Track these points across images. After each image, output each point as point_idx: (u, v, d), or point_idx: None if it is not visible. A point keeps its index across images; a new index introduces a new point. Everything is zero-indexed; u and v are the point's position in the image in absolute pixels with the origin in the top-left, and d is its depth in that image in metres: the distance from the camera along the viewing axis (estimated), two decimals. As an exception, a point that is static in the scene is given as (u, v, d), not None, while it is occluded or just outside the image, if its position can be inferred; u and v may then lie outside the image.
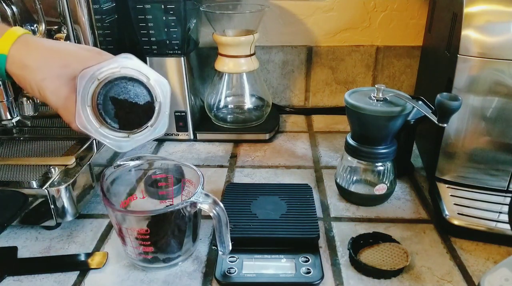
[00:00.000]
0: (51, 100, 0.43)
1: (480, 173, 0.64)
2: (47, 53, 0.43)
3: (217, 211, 0.48)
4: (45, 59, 0.43)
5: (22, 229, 0.61)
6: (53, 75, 0.43)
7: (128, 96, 0.43)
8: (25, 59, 0.42)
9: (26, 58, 0.42)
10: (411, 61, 1.00)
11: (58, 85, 0.43)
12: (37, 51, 0.43)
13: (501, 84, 0.58)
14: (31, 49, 0.43)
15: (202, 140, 0.89)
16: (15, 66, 0.42)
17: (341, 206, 0.67)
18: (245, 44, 0.84)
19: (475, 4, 0.57)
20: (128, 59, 0.44)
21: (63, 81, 0.43)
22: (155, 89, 0.44)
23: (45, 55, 0.43)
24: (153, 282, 0.52)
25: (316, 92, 1.05)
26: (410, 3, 0.95)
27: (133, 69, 0.44)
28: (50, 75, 0.42)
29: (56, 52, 0.44)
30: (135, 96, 0.44)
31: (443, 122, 0.56)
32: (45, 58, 0.43)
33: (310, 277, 0.51)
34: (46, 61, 0.43)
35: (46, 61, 0.43)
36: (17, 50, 0.42)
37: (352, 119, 0.64)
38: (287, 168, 0.79)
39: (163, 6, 0.76)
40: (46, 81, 0.42)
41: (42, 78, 0.42)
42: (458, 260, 0.55)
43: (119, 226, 0.51)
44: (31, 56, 0.43)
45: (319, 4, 0.96)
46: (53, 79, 0.43)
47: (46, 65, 0.43)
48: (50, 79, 0.42)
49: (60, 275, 0.53)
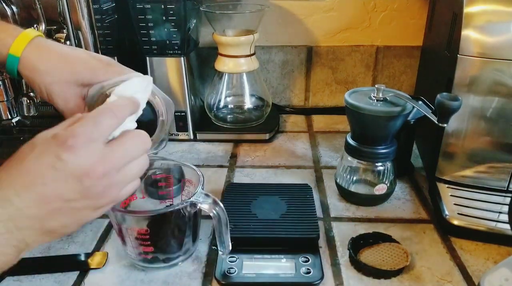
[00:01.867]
0: (57, 104, 0.45)
1: (480, 173, 0.64)
2: (58, 58, 0.45)
3: (217, 211, 0.48)
4: (55, 64, 0.44)
5: (22, 229, 0.61)
6: (61, 80, 0.44)
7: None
8: (36, 63, 0.44)
9: (37, 61, 0.44)
10: (411, 61, 1.00)
11: (66, 90, 0.44)
12: (48, 55, 0.44)
13: (501, 84, 0.58)
14: (42, 53, 0.44)
15: (202, 140, 0.89)
16: (26, 68, 0.44)
17: (341, 206, 0.67)
18: (245, 44, 0.84)
19: (475, 4, 0.57)
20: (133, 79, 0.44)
21: (71, 86, 0.44)
22: (160, 107, 0.46)
23: (55, 60, 0.44)
24: (153, 282, 0.52)
25: (316, 92, 1.05)
26: (410, 3, 0.95)
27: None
28: (59, 79, 0.44)
29: (66, 58, 0.45)
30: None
31: (443, 122, 0.56)
32: (55, 62, 0.44)
33: (310, 277, 0.51)
34: (56, 66, 0.44)
35: (56, 66, 0.44)
36: (29, 53, 0.44)
37: (352, 119, 0.64)
38: (287, 168, 0.79)
39: (163, 6, 0.76)
40: (54, 85, 0.44)
41: (51, 82, 0.44)
42: (458, 260, 0.55)
43: (119, 226, 0.51)
44: (42, 60, 0.44)
45: (319, 4, 0.96)
46: (61, 83, 0.44)
47: (55, 69, 0.44)
48: (58, 84, 0.44)
49: (60, 275, 0.53)
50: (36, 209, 0.34)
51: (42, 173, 0.33)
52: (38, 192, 0.33)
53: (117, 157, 0.37)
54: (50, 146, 0.34)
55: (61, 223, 0.36)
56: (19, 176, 0.34)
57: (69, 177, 0.34)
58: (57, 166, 0.34)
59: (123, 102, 0.40)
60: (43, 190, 0.34)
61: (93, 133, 0.35)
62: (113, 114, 0.37)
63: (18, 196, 0.33)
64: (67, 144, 0.34)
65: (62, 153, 0.34)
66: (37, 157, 0.34)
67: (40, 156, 0.34)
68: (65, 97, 0.44)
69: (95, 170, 0.35)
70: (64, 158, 0.34)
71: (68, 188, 0.34)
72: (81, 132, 0.35)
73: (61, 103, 0.45)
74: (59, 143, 0.34)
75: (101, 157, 0.35)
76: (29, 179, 0.33)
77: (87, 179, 0.35)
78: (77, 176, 0.34)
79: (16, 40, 0.43)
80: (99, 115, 0.36)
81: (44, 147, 0.34)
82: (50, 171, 0.33)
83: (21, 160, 0.34)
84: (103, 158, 0.35)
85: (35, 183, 0.33)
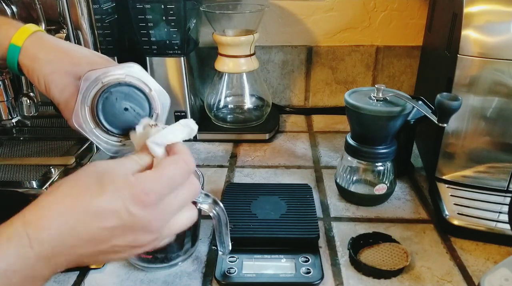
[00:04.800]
0: (54, 95, 0.44)
1: (480, 173, 0.64)
2: (59, 50, 0.45)
3: (217, 211, 0.48)
4: (56, 55, 0.44)
5: (22, 229, 0.61)
6: (61, 71, 0.44)
7: (128, 103, 0.44)
8: (37, 52, 0.44)
9: (38, 51, 0.44)
10: (411, 61, 1.00)
11: (64, 81, 0.44)
12: (49, 46, 0.45)
13: (501, 84, 0.58)
14: (44, 44, 0.45)
15: (202, 140, 0.89)
16: (27, 57, 0.44)
17: (341, 206, 0.67)
18: (245, 44, 0.84)
19: (475, 4, 0.57)
20: (133, 68, 0.44)
21: (70, 78, 0.44)
22: (155, 100, 0.45)
23: (56, 51, 0.44)
24: (153, 282, 0.52)
25: (316, 92, 1.05)
26: (410, 3, 0.95)
27: (137, 78, 0.44)
28: (59, 70, 0.44)
29: (68, 50, 0.45)
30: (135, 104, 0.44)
31: (443, 122, 0.56)
32: (56, 53, 0.44)
33: (310, 277, 0.51)
34: (57, 56, 0.44)
35: (57, 56, 0.44)
36: (31, 43, 0.44)
37: (352, 119, 0.64)
38: (287, 167, 0.79)
39: (163, 6, 0.76)
40: (53, 75, 0.43)
41: (51, 72, 0.43)
42: (458, 260, 0.55)
43: (119, 226, 0.51)
44: (43, 50, 0.44)
45: (319, 4, 0.96)
46: (61, 74, 0.44)
47: (56, 60, 0.44)
48: (57, 74, 0.43)
49: (60, 275, 0.53)
50: (85, 249, 0.33)
51: (105, 219, 0.33)
52: (93, 234, 0.33)
53: (173, 210, 0.36)
54: (123, 193, 0.33)
55: (98, 260, 0.36)
56: (81, 216, 0.33)
57: (128, 229, 0.34)
58: (123, 216, 0.33)
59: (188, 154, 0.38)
60: (99, 234, 0.33)
61: (165, 191, 0.35)
62: (185, 172, 0.36)
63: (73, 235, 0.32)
64: (142, 199, 0.33)
65: (134, 206, 0.33)
66: (106, 201, 0.33)
67: (109, 200, 0.33)
68: (62, 89, 0.44)
69: (153, 226, 0.35)
70: (134, 211, 0.33)
71: (122, 238, 0.34)
72: (157, 190, 0.34)
73: (57, 94, 0.44)
74: (134, 195, 0.33)
75: (161, 212, 0.35)
76: (91, 220, 0.33)
77: (142, 233, 0.35)
78: (135, 230, 0.34)
79: (18, 32, 0.44)
80: (173, 174, 0.35)
81: (115, 192, 0.33)
82: (113, 219, 0.33)
83: (85, 196, 0.33)
84: (162, 213, 0.35)
85: (94, 225, 0.33)
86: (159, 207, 0.35)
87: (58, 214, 0.32)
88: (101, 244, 0.34)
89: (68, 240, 0.32)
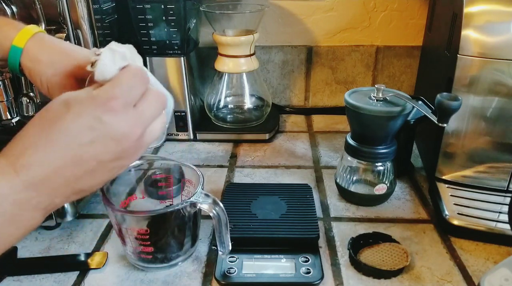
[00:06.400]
0: (55, 96, 0.44)
1: (480, 173, 0.64)
2: (61, 51, 0.45)
3: (217, 211, 0.48)
4: (58, 56, 0.44)
5: (22, 229, 0.61)
6: (63, 72, 0.44)
7: None
8: (39, 54, 0.44)
9: (40, 53, 0.44)
10: (411, 61, 1.00)
11: (66, 83, 0.44)
12: (51, 48, 0.45)
13: (501, 84, 0.58)
14: (45, 45, 0.45)
15: (202, 140, 0.89)
16: (29, 59, 0.44)
17: (341, 206, 0.67)
18: (245, 44, 0.84)
19: (475, 4, 0.57)
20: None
21: (71, 80, 0.44)
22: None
23: (58, 53, 0.44)
24: (153, 282, 0.52)
25: (316, 92, 1.05)
26: (410, 3, 0.95)
27: None
28: (61, 71, 0.44)
29: (69, 51, 0.45)
30: None
31: (443, 122, 0.56)
32: (58, 55, 0.44)
33: (310, 277, 0.51)
34: (59, 58, 0.44)
35: (59, 58, 0.44)
36: (33, 45, 0.44)
37: (352, 119, 0.64)
38: (287, 167, 0.79)
39: (163, 6, 0.76)
40: (56, 77, 0.43)
41: (53, 74, 0.43)
42: (458, 260, 0.55)
43: (119, 226, 0.51)
44: (45, 52, 0.44)
45: (319, 4, 0.96)
46: (63, 76, 0.44)
47: (58, 61, 0.44)
48: (60, 76, 0.44)
49: (60, 275, 0.53)
50: (72, 170, 0.33)
51: (80, 134, 0.33)
52: (75, 153, 0.33)
53: (148, 117, 0.37)
54: (88, 106, 0.33)
55: (91, 183, 0.36)
56: (55, 137, 0.33)
57: (108, 139, 0.34)
58: (96, 127, 0.33)
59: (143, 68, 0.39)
60: (80, 151, 0.33)
61: (129, 96, 0.35)
62: (141, 78, 0.37)
63: (54, 157, 0.33)
64: (108, 105, 0.33)
65: (103, 114, 0.33)
66: (74, 118, 0.33)
67: (77, 116, 0.33)
68: (64, 90, 0.44)
69: (134, 132, 0.35)
70: (105, 119, 0.33)
71: (105, 150, 0.34)
72: (120, 95, 0.34)
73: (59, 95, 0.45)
74: (99, 104, 0.33)
75: (137, 118, 0.35)
76: (67, 140, 0.33)
77: (126, 142, 0.35)
78: (116, 138, 0.34)
79: (20, 33, 0.44)
80: (131, 79, 0.36)
81: (81, 107, 0.33)
82: (88, 132, 0.33)
83: (55, 119, 0.33)
84: (139, 119, 0.36)
85: (72, 144, 0.33)
86: (130, 112, 0.35)
87: (35, 141, 0.33)
88: (86, 163, 0.34)
89: (52, 163, 0.32)
